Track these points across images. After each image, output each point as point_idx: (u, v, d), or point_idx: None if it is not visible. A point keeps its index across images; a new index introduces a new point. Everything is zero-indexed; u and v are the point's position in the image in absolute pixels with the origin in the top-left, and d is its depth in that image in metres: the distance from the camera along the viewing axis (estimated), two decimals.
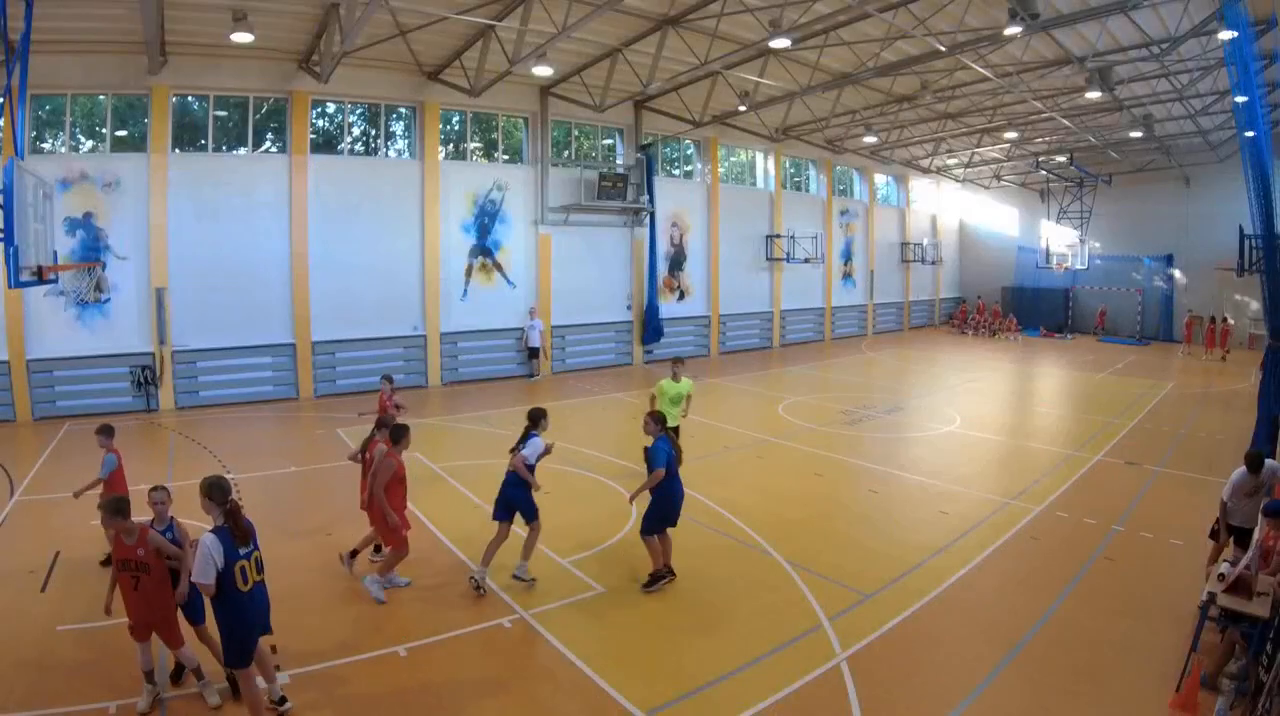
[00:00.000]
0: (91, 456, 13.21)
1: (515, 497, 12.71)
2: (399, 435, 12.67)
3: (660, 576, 12.70)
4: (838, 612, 11.76)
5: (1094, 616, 11.56)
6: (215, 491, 8.56)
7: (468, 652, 10.73)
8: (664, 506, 12.51)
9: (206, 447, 21.77)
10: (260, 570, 8.79)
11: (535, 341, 34.02)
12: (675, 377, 18.13)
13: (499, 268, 34.25)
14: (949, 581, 12.99)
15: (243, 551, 8.50)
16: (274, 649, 9.21)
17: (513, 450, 12.90)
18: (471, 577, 12.65)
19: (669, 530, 12.77)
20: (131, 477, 13.64)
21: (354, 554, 13.31)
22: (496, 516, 12.76)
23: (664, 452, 12.23)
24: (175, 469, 19.32)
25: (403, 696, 9.61)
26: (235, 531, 8.48)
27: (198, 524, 10.62)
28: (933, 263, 58.08)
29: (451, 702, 9.53)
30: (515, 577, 12.86)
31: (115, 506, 9.26)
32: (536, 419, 13.20)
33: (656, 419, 12.85)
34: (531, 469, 12.74)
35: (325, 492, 18.35)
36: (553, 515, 15.82)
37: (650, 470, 12.58)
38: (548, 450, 13.08)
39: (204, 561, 8.19)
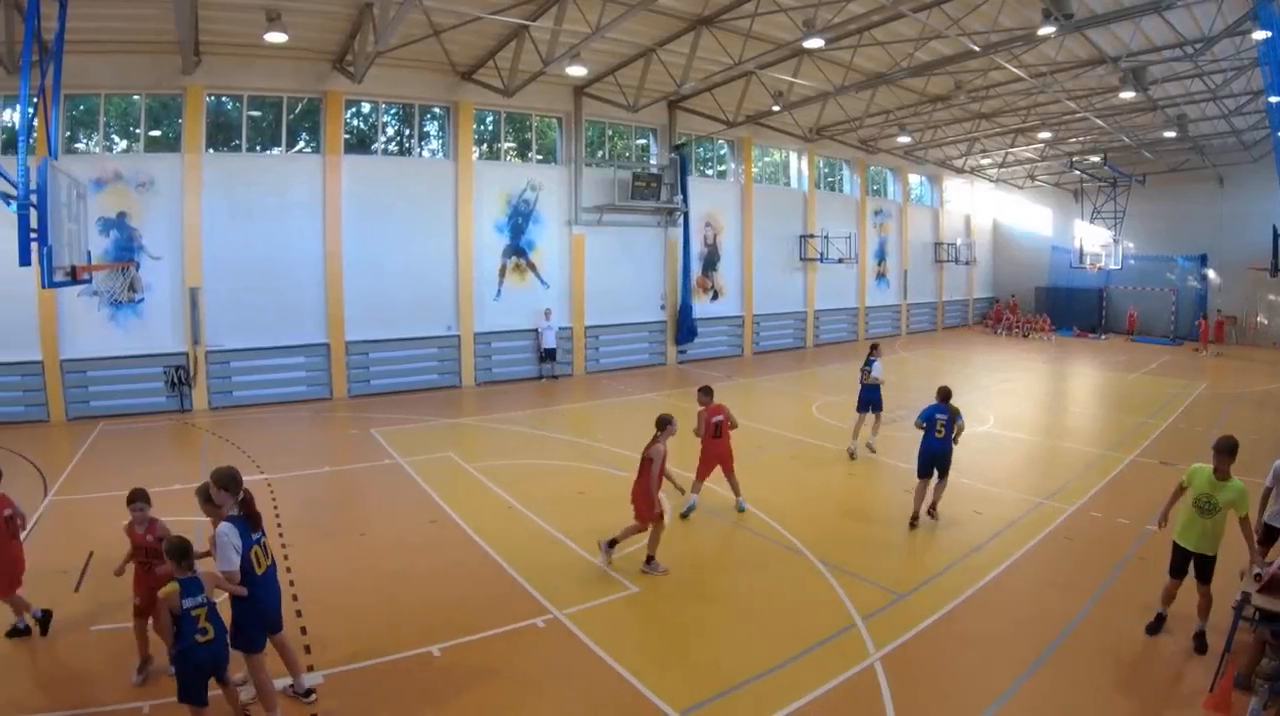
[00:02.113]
0: (125, 456, 13.19)
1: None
2: (665, 423, 13.71)
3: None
4: (871, 612, 11.65)
5: (1128, 616, 11.34)
6: (231, 482, 8.79)
7: (501, 652, 10.63)
8: None
9: (240, 447, 21.70)
10: (269, 554, 8.99)
11: (550, 342, 33.81)
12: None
13: (532, 268, 34.13)
14: (983, 581, 12.87)
15: (255, 536, 8.75)
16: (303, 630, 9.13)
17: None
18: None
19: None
20: (164, 478, 13.67)
21: (612, 543, 13.62)
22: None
23: None
24: (209, 468, 19.22)
25: (436, 697, 9.53)
26: (250, 518, 8.76)
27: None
28: (966, 263, 57.59)
29: (485, 702, 9.47)
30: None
31: (130, 494, 9.88)
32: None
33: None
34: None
35: (359, 493, 18.35)
36: (586, 515, 15.96)
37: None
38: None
39: (225, 549, 8.34)
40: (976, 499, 17.50)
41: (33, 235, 11.65)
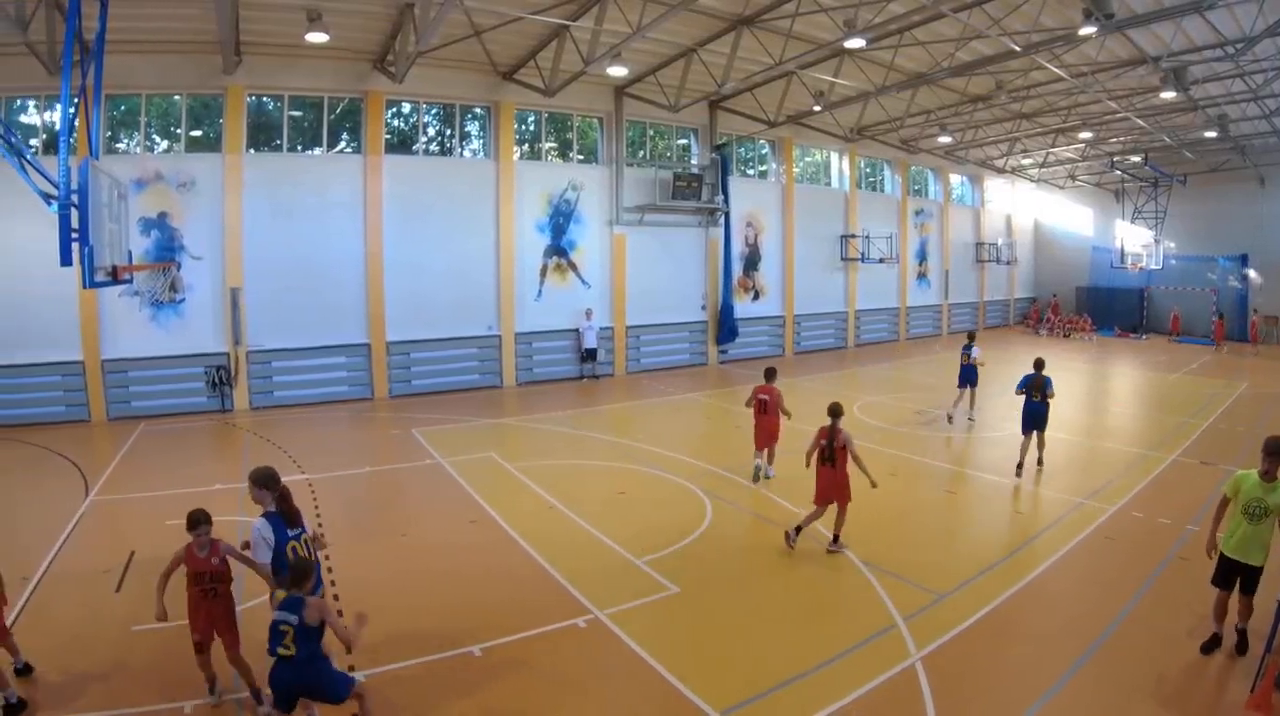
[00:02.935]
0: (166, 457, 13.20)
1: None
2: (841, 411, 14.51)
3: None
4: (913, 612, 11.57)
5: (1168, 616, 11.20)
6: (269, 480, 9.10)
7: (542, 652, 10.59)
8: None
9: (281, 447, 21.70)
10: (310, 550, 9.11)
11: (591, 342, 33.69)
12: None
13: (574, 267, 34.01)
14: (1024, 581, 12.78)
15: (293, 532, 9.00)
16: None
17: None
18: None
19: None
20: (206, 478, 13.66)
21: (799, 530, 14.27)
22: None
23: None
24: (250, 468, 19.26)
25: (478, 696, 9.50)
26: (287, 514, 9.05)
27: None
28: (1007, 263, 57.03)
29: (526, 701, 9.44)
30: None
31: (192, 519, 9.23)
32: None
33: None
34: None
35: (400, 493, 18.28)
36: (626, 515, 16.05)
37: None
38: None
39: (258, 544, 8.77)
40: (1018, 498, 17.55)
41: (74, 235, 11.63)
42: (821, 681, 9.74)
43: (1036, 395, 18.74)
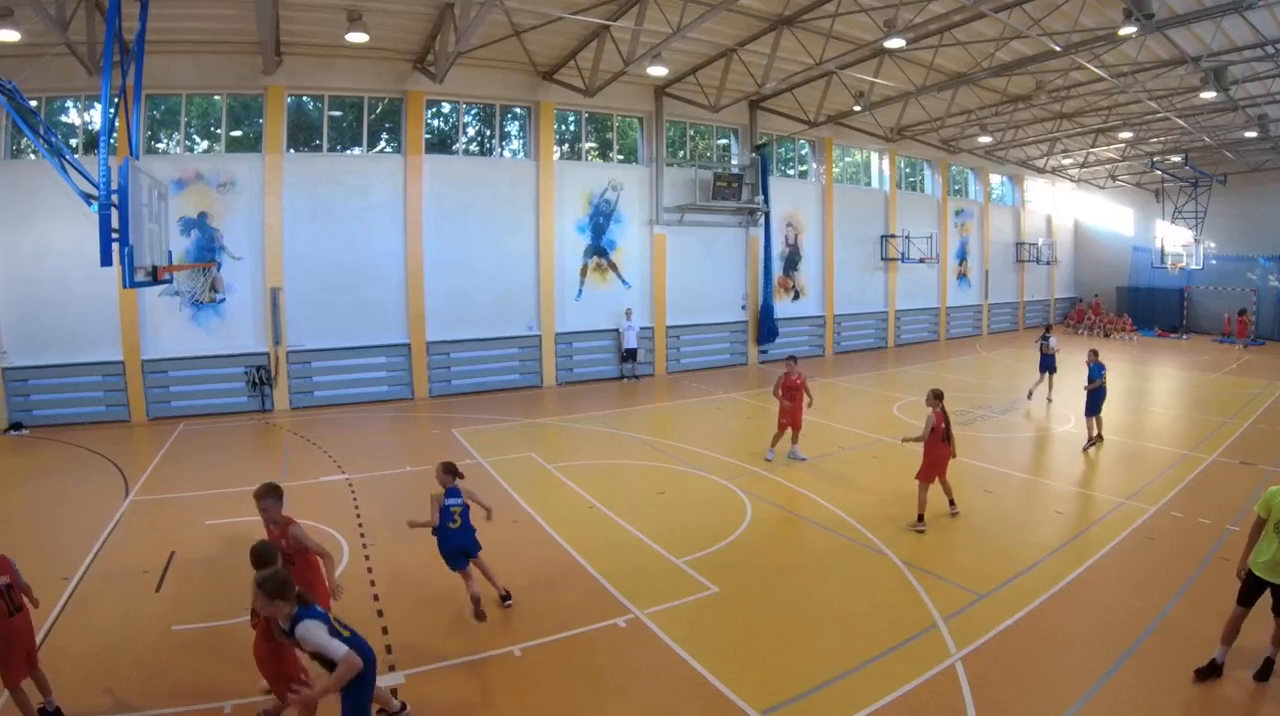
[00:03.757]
0: (206, 456, 13.25)
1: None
2: (938, 396, 15.83)
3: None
4: (953, 612, 11.53)
5: (1209, 617, 10.90)
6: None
7: (583, 653, 10.58)
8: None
9: (321, 447, 21.71)
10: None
11: (631, 342, 33.56)
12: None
13: (614, 267, 33.94)
14: (1064, 581, 12.66)
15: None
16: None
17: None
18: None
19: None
20: (246, 478, 13.67)
21: (921, 517, 15.38)
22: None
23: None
24: (290, 468, 19.36)
25: (518, 696, 9.51)
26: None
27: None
28: (1048, 263, 56.58)
29: (567, 702, 9.41)
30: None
31: (267, 489, 9.92)
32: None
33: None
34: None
35: None
36: (666, 515, 16.05)
37: None
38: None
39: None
40: (1058, 499, 17.40)
41: (114, 235, 11.64)
42: (862, 681, 9.72)
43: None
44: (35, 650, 8.91)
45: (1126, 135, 42.27)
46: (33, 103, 18.41)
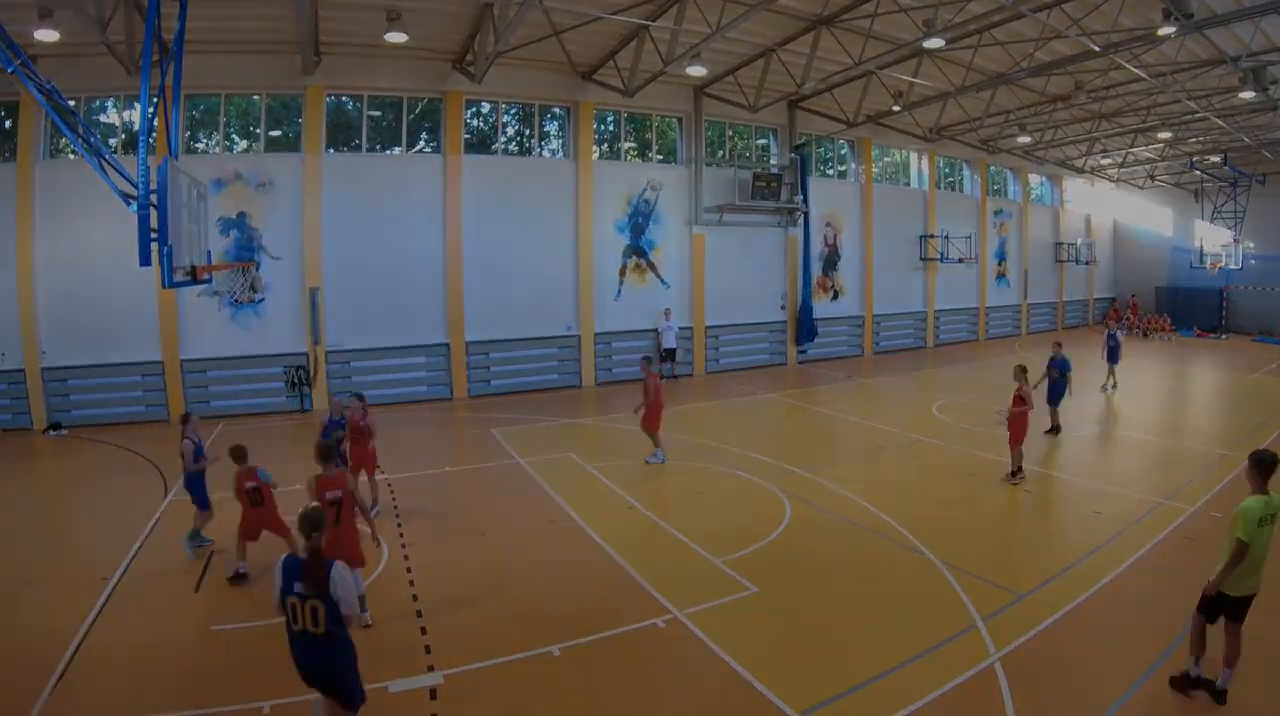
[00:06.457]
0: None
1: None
2: (1023, 370, 18.27)
3: None
4: (991, 612, 11.44)
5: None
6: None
7: (621, 652, 10.57)
8: None
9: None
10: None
11: (670, 342, 33.44)
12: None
13: (653, 267, 33.82)
14: (1103, 581, 12.58)
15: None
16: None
17: None
18: None
19: None
20: (285, 478, 13.78)
21: (1013, 473, 17.69)
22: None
23: None
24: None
25: (557, 696, 9.50)
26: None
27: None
28: (1086, 263, 56.04)
29: (606, 702, 9.40)
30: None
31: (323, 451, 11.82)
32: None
33: None
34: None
35: (479, 493, 18.18)
36: (705, 515, 16.03)
37: None
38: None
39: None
40: (1096, 499, 17.11)
41: (153, 235, 11.67)
42: (901, 681, 9.67)
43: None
44: (260, 532, 12.88)
45: (1165, 135, 41.78)
46: (71, 102, 18.50)
